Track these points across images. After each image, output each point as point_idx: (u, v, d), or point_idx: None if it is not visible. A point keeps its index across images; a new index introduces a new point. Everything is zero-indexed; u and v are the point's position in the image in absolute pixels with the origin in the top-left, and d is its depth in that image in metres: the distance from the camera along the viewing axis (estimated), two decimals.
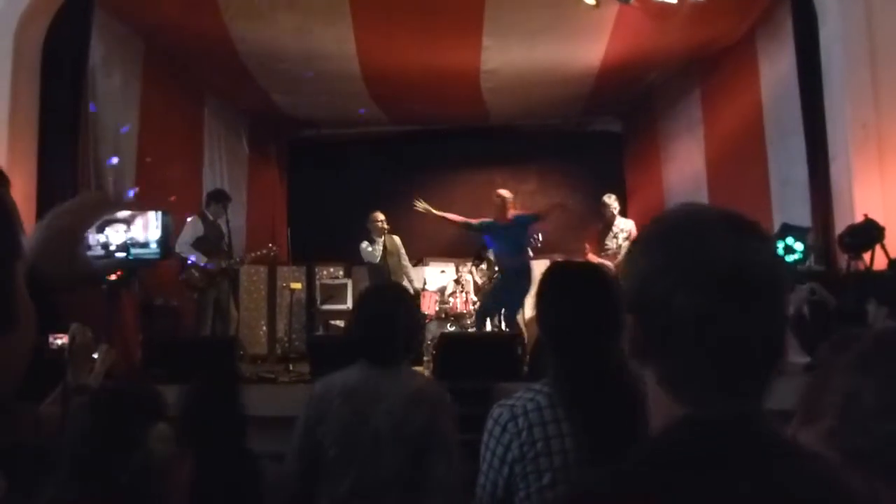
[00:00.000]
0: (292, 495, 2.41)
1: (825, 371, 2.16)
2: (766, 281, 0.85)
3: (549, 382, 1.81)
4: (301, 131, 10.45)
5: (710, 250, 0.85)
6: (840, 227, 5.38)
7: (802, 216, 5.96)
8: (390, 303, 2.56)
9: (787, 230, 5.65)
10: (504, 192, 7.20)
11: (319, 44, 7.37)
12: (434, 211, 7.45)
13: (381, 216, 7.66)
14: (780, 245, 5.57)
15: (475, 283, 8.39)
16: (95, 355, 2.08)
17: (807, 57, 5.92)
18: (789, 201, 6.49)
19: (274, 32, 7.17)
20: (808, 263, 5.53)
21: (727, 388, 0.85)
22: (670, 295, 0.84)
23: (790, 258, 5.53)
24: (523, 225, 7.03)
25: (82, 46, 6.18)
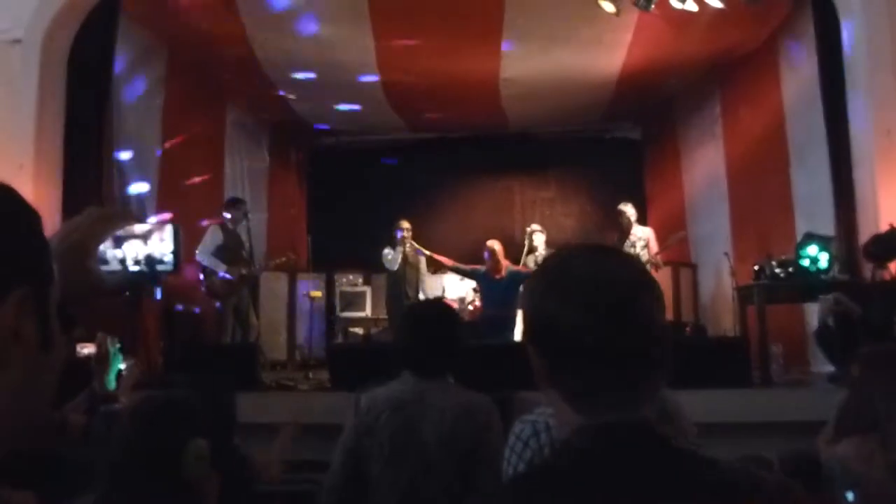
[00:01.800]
0: None
1: (864, 386, 2.17)
2: (627, 290, 0.97)
3: None
4: (321, 139, 10.52)
5: (576, 270, 0.99)
6: (864, 235, 5.31)
7: (826, 225, 5.89)
8: (438, 316, 2.57)
9: (810, 239, 5.58)
10: (493, 245, 7.01)
11: (339, 52, 7.43)
12: (425, 251, 7.52)
13: (406, 224, 7.60)
14: (804, 254, 5.51)
15: None
16: (122, 366, 2.09)
17: (829, 63, 5.85)
18: (812, 209, 6.41)
19: (294, 41, 7.23)
20: (832, 273, 5.45)
21: (614, 397, 0.95)
22: (556, 316, 0.96)
23: (814, 268, 5.47)
24: (516, 281, 6.77)
25: (107, 55, 6.25)
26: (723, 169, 8.31)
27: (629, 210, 7.56)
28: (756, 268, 5.84)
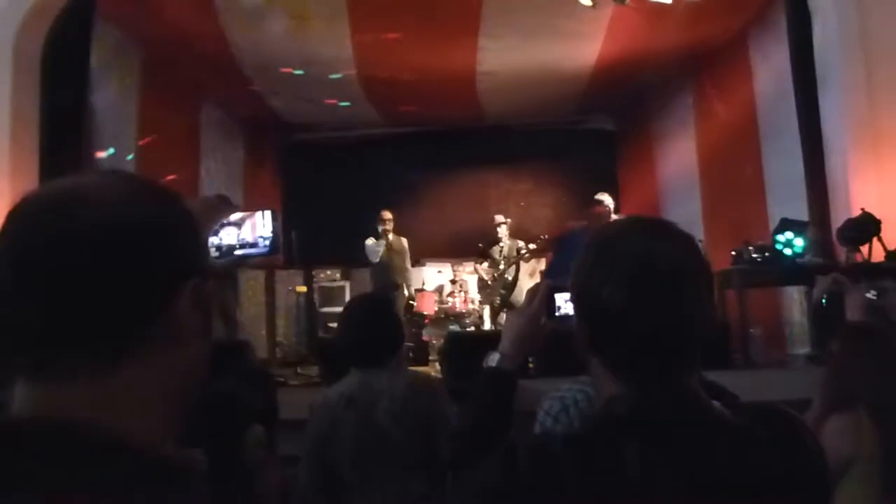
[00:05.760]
0: None
1: (843, 361, 2.27)
2: (671, 270, 1.00)
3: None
4: (297, 135, 10.47)
5: (623, 246, 1.03)
6: (837, 221, 5.48)
7: (798, 211, 6.06)
8: (372, 309, 2.73)
9: (786, 224, 5.74)
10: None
11: (316, 48, 7.41)
12: None
13: (387, 215, 7.74)
14: (780, 239, 5.66)
15: (481, 279, 8.40)
16: None
17: (801, 54, 5.99)
18: (785, 197, 6.58)
19: (271, 37, 7.19)
20: (807, 257, 5.62)
21: (655, 367, 0.98)
22: (599, 287, 1.00)
23: (789, 252, 5.63)
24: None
25: (82, 54, 6.16)
26: (695, 158, 8.48)
27: (607, 200, 7.64)
28: (733, 253, 5.98)
